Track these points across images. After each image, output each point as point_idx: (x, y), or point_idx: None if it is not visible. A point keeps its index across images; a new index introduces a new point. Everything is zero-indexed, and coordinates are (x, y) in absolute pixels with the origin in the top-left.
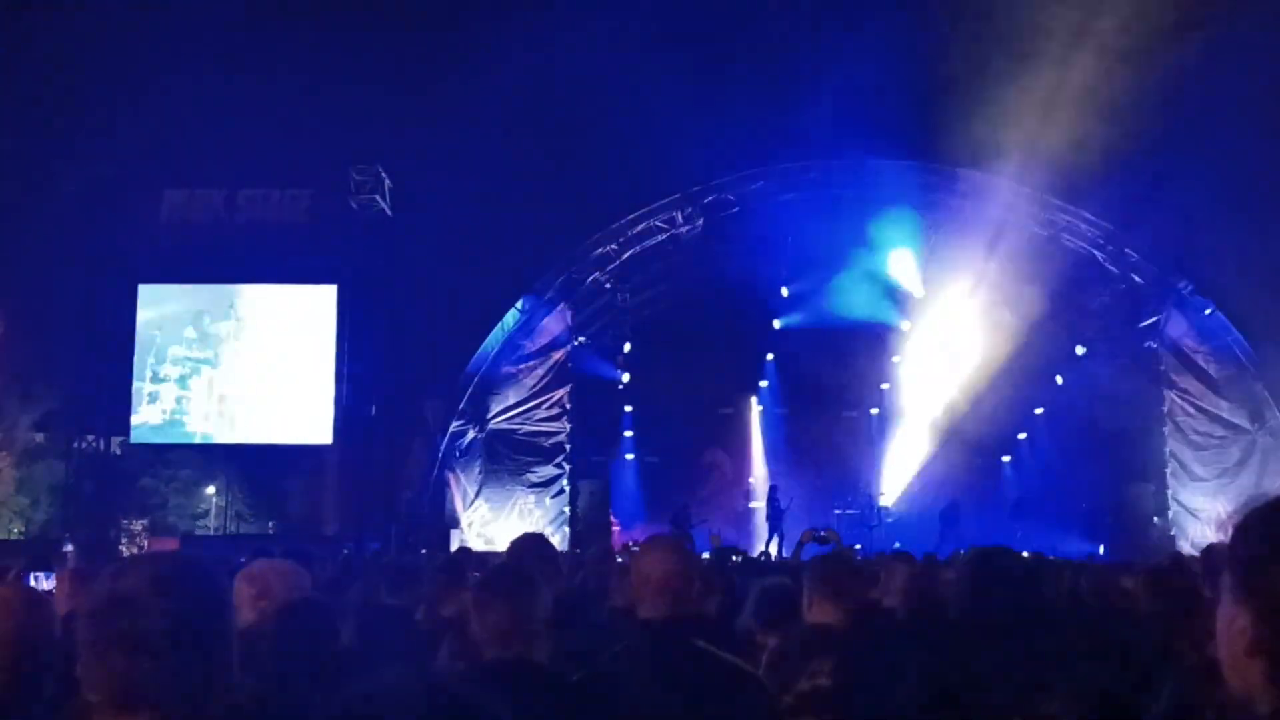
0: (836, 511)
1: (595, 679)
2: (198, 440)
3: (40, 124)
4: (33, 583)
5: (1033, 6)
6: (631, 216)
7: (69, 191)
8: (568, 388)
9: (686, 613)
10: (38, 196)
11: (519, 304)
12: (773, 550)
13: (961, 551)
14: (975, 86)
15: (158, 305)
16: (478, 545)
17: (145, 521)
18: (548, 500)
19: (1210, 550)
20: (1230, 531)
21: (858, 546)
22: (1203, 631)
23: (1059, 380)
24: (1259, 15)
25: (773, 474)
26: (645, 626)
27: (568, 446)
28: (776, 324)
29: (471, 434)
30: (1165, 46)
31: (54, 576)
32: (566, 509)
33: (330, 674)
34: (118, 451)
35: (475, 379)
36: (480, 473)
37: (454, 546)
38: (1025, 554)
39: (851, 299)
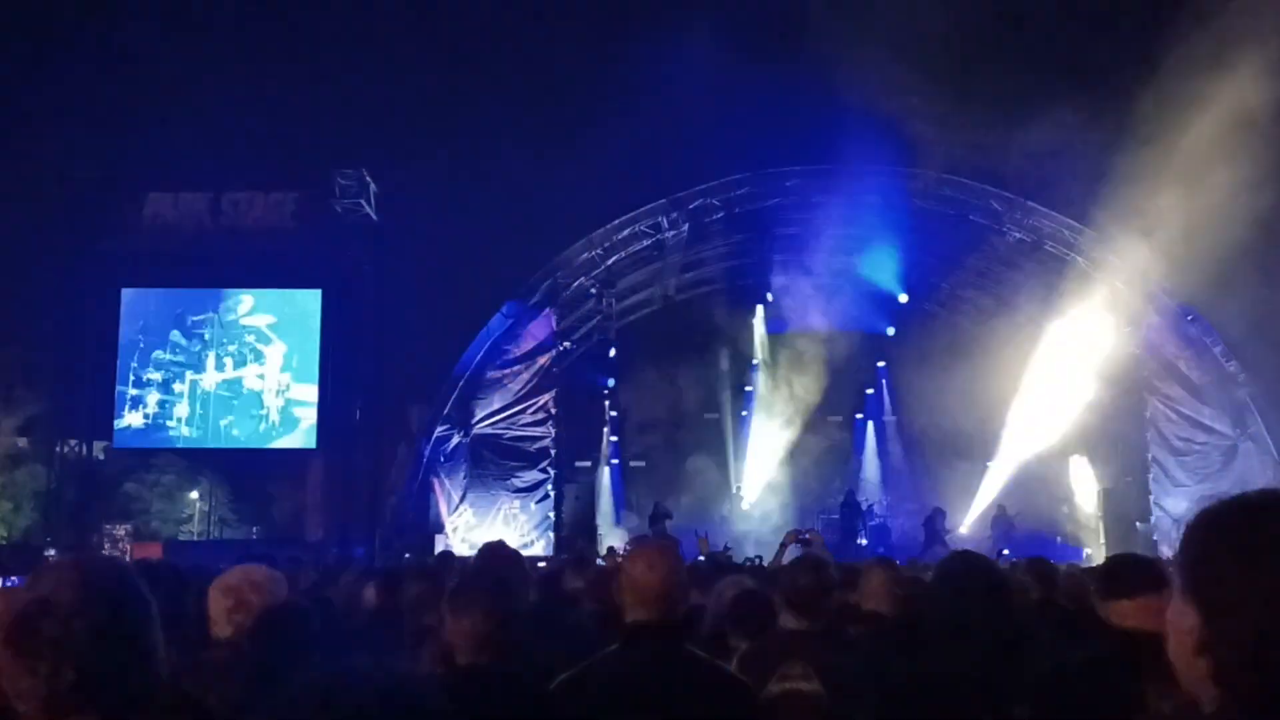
0: (821, 516)
1: (577, 684)
2: (181, 445)
3: (23, 126)
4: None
5: (1017, 15)
6: (617, 221)
7: (52, 194)
8: (553, 392)
9: (675, 618)
10: (20, 199)
11: (504, 309)
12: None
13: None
14: (960, 92)
15: (141, 309)
16: (462, 550)
17: (128, 527)
18: (533, 505)
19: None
20: (1183, 531)
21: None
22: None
23: (1042, 386)
24: (1243, 23)
25: (757, 479)
26: (633, 630)
27: (553, 451)
28: (761, 329)
29: (456, 439)
30: (1149, 52)
31: None
32: (551, 514)
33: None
34: (101, 456)
35: (460, 383)
36: (465, 477)
37: (438, 551)
38: (1007, 551)
39: (836, 304)
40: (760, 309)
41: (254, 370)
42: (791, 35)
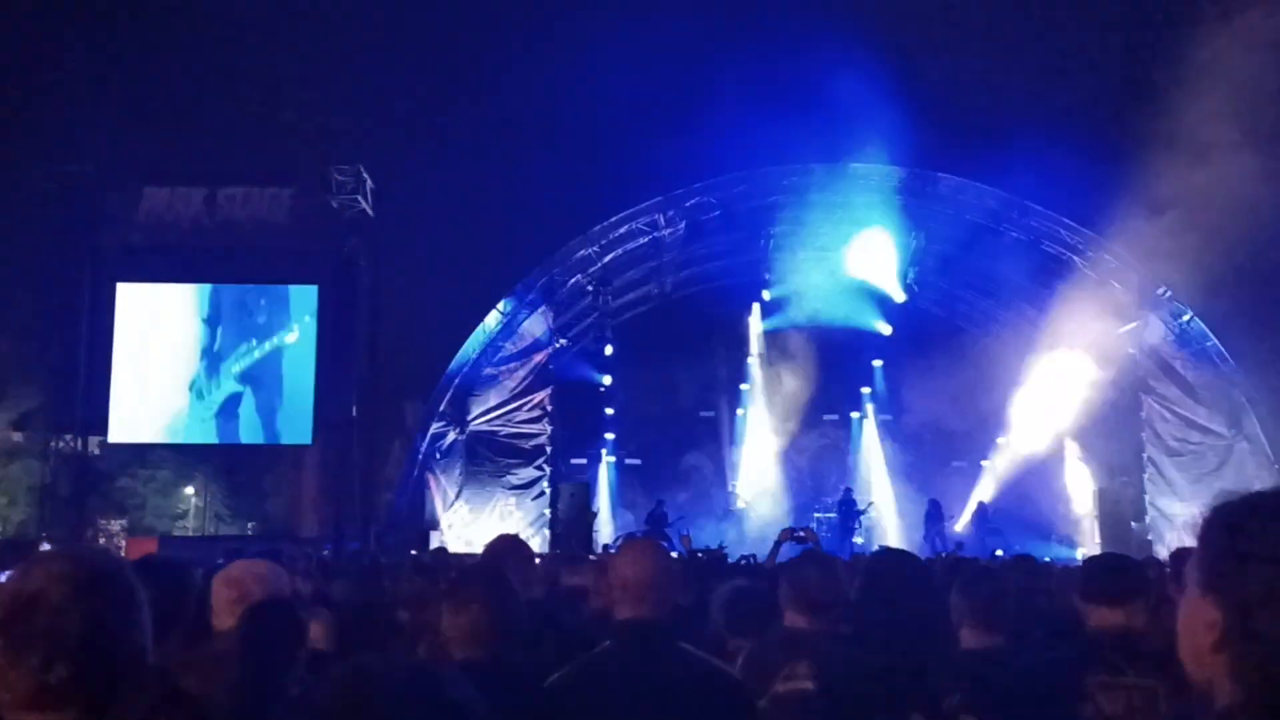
0: (816, 514)
1: (570, 682)
2: (176, 440)
3: (18, 121)
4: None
5: (1013, 16)
6: (614, 219)
7: (48, 189)
8: (549, 390)
9: (665, 613)
10: (16, 194)
11: (500, 306)
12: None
13: (943, 554)
14: (956, 91)
15: (136, 304)
16: (458, 547)
17: (123, 522)
18: (528, 502)
19: (1179, 554)
20: (1198, 529)
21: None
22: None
23: (1038, 385)
24: (1238, 26)
25: (753, 477)
26: (623, 627)
27: (548, 449)
28: (758, 327)
29: (452, 435)
30: (1144, 54)
31: None
32: (547, 511)
33: (296, 674)
34: (96, 451)
35: (456, 380)
36: (460, 474)
37: (432, 548)
38: (1000, 552)
39: (833, 302)
40: (757, 307)
41: (249, 366)
42: (788, 34)
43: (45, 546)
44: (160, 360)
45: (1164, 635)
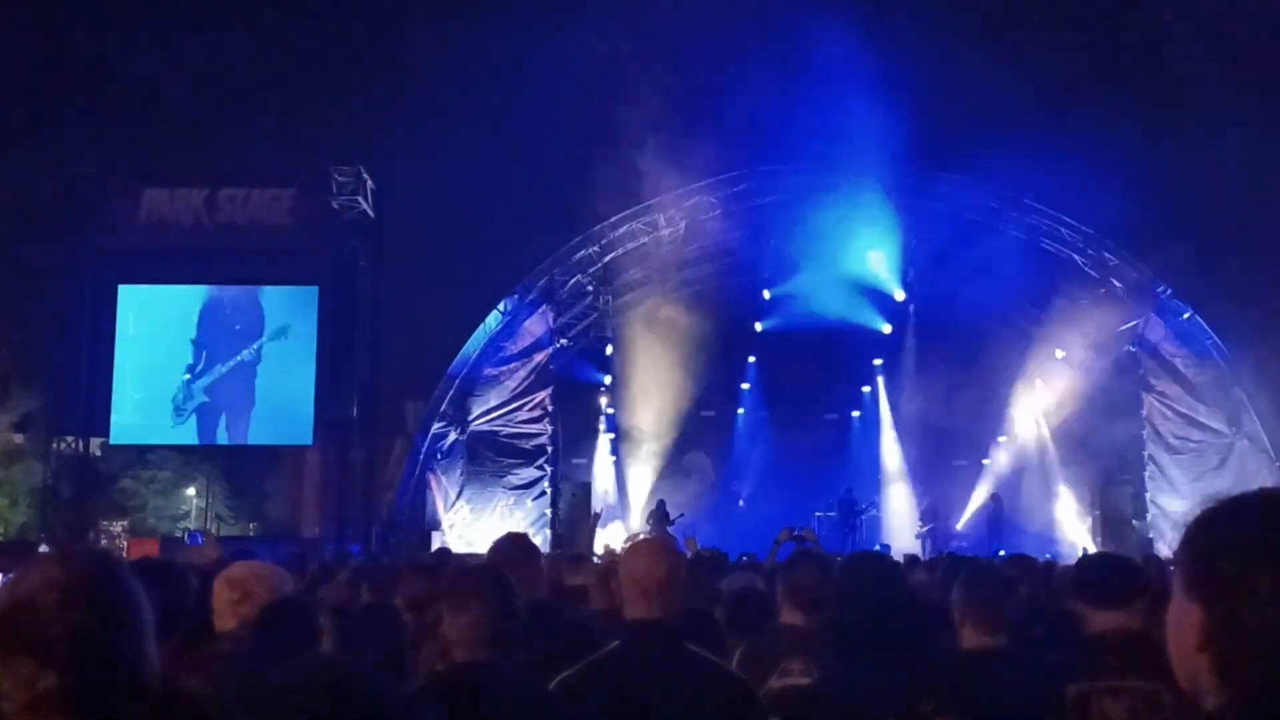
0: (817, 514)
1: (578, 682)
2: (178, 442)
3: (18, 121)
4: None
5: (1011, 13)
6: (614, 219)
7: (48, 190)
8: (549, 390)
9: (674, 615)
10: (16, 196)
11: (501, 306)
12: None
13: (943, 554)
14: (955, 89)
15: (137, 305)
16: (459, 547)
17: (125, 523)
18: (529, 502)
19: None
20: (1185, 530)
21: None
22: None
23: (1038, 384)
24: (1240, 23)
25: (754, 476)
26: (632, 628)
27: (549, 449)
28: (758, 327)
29: (453, 436)
30: (1143, 53)
31: None
32: (548, 511)
33: None
34: (97, 453)
35: (457, 380)
36: (461, 474)
37: (435, 548)
38: (1003, 552)
39: (833, 302)
40: (757, 306)
41: (250, 367)
42: (786, 33)
43: (44, 548)
44: (161, 361)
45: (1165, 635)
